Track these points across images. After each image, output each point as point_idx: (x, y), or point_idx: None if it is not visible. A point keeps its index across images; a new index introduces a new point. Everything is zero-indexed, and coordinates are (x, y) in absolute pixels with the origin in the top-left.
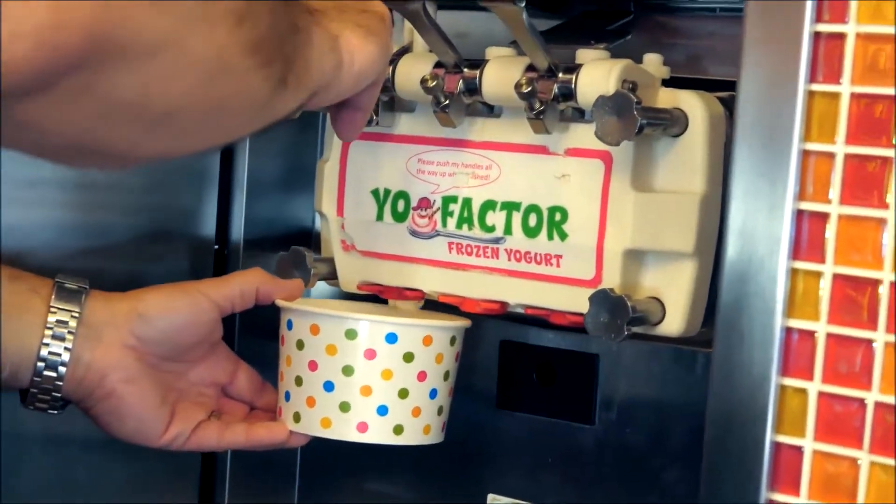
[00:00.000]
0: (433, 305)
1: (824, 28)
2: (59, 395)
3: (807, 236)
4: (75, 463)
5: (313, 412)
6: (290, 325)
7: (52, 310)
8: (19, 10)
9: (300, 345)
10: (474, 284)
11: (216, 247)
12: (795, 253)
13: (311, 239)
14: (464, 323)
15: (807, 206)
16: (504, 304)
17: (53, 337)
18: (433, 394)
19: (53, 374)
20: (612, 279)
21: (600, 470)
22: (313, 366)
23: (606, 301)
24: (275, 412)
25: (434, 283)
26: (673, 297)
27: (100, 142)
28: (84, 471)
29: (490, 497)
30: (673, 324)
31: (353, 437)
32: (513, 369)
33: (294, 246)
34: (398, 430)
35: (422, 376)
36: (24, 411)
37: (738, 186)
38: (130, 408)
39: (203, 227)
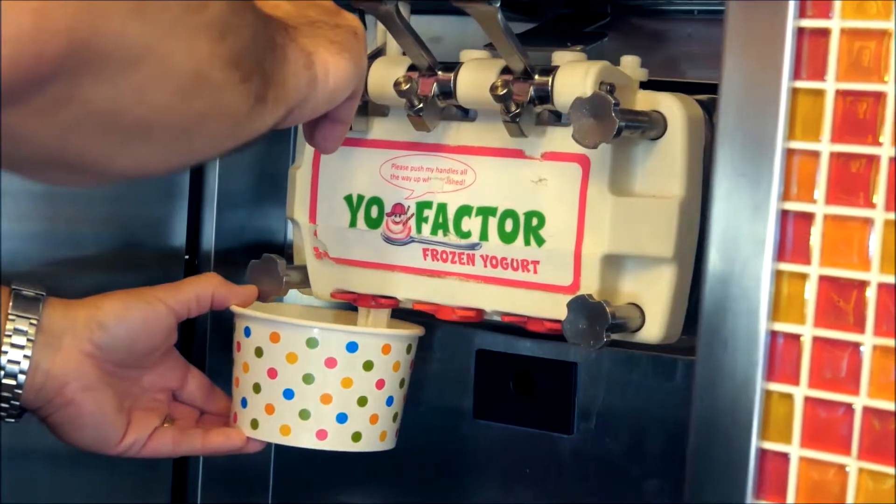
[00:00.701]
0: (406, 314)
1: (808, 24)
2: (17, 403)
3: (791, 237)
4: (43, 466)
5: (272, 419)
6: (247, 332)
7: (10, 317)
8: (2, 17)
9: (259, 352)
10: (450, 291)
11: (186, 257)
12: (780, 254)
13: (282, 247)
14: (418, 331)
15: (791, 206)
16: (480, 312)
17: (12, 345)
18: (390, 401)
19: (12, 382)
20: (590, 285)
21: (579, 480)
22: (272, 373)
23: (585, 307)
24: (226, 417)
25: (409, 290)
26: (652, 303)
27: (75, 155)
28: (53, 474)
29: None
30: (652, 330)
31: (312, 443)
32: (489, 379)
33: (266, 253)
34: (356, 437)
35: (380, 384)
36: None
37: (721, 187)
38: (89, 416)
39: (173, 238)
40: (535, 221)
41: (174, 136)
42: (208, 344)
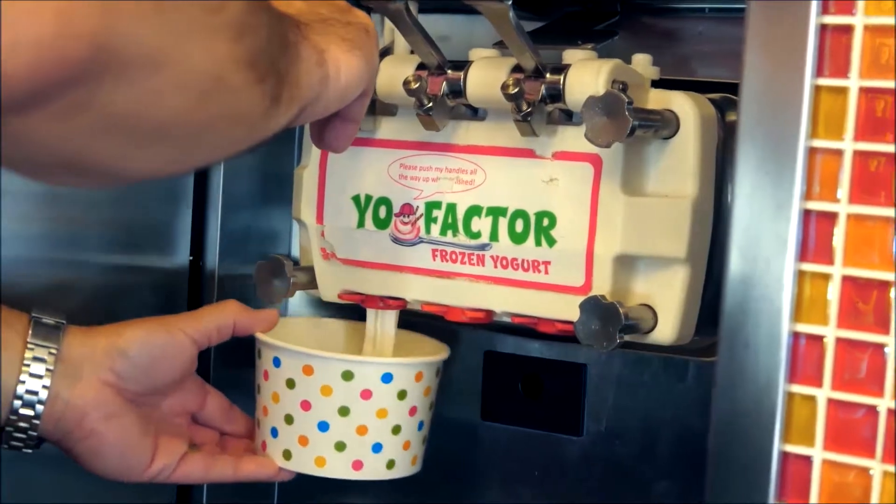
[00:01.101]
0: (414, 316)
1: (831, 20)
2: (35, 433)
3: (814, 237)
4: (45, 466)
5: (306, 451)
6: (276, 362)
7: (30, 346)
8: (23, 19)
9: (290, 384)
10: (459, 292)
11: (191, 258)
12: (803, 255)
13: (288, 249)
14: (446, 354)
15: (814, 205)
16: (490, 313)
17: (31, 375)
18: (420, 426)
19: (30, 412)
20: (602, 286)
21: (588, 483)
22: (306, 405)
23: (598, 308)
24: (245, 437)
25: (417, 291)
26: (665, 303)
27: (91, 159)
28: (56, 474)
29: None
30: (665, 331)
31: (348, 475)
32: (497, 380)
33: (272, 254)
34: (390, 464)
35: (413, 411)
36: None
37: (743, 186)
38: (112, 446)
39: (178, 239)
40: (546, 221)
41: (191, 139)
42: (212, 358)
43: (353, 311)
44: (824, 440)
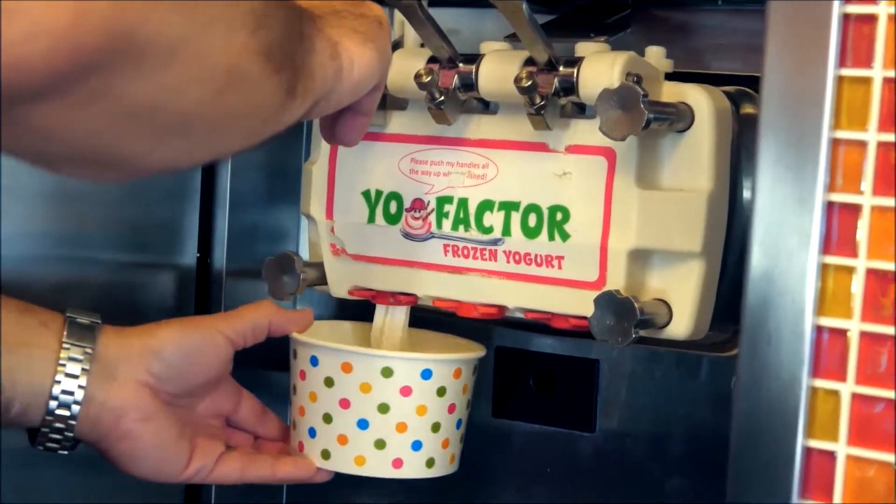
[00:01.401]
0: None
1: (854, 9)
2: (71, 434)
3: (837, 230)
4: (51, 467)
5: (345, 450)
6: (314, 361)
7: (65, 346)
8: (40, 7)
9: (329, 382)
10: (471, 288)
11: (198, 255)
12: (826, 247)
13: (296, 245)
14: (482, 351)
15: (837, 197)
16: (502, 309)
17: (66, 374)
18: (458, 424)
19: (66, 413)
20: (616, 281)
21: (601, 480)
22: (345, 403)
23: (612, 303)
24: (279, 441)
25: (429, 287)
26: (680, 298)
27: (109, 151)
28: (62, 475)
29: None
30: (680, 326)
31: (388, 473)
32: (509, 377)
33: (282, 251)
34: (430, 463)
35: (451, 408)
36: None
37: (765, 178)
38: (150, 448)
39: (185, 237)
40: (559, 216)
41: (208, 131)
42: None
43: (363, 307)
44: (848, 435)
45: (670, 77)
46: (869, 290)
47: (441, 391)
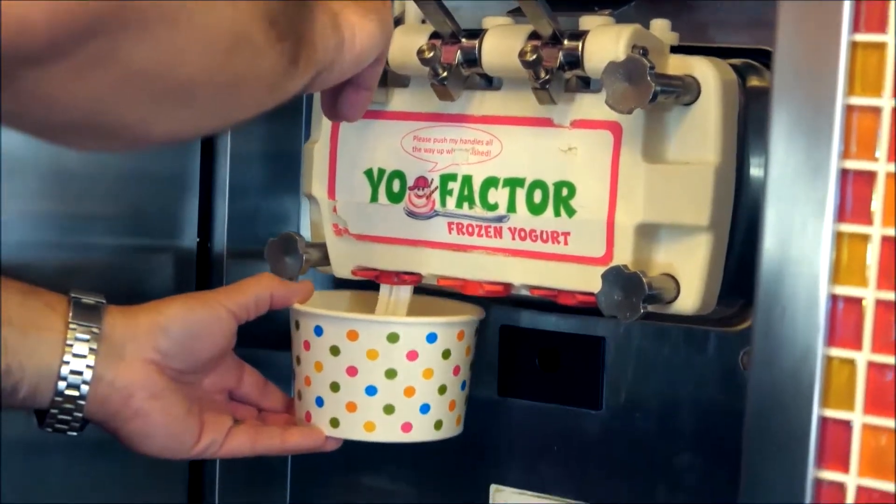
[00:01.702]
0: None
1: None
2: (80, 414)
3: (852, 197)
4: (53, 463)
5: (355, 416)
6: (318, 330)
7: (72, 326)
8: None
9: (335, 351)
10: (476, 266)
11: (198, 240)
12: (841, 215)
13: (297, 227)
14: (481, 313)
15: (852, 164)
16: (508, 286)
17: (74, 355)
18: (463, 385)
19: (76, 393)
20: (623, 256)
21: (608, 457)
22: (352, 371)
23: (620, 278)
24: (282, 412)
25: (433, 265)
26: (688, 273)
27: (111, 120)
28: (64, 470)
29: (493, 488)
30: (688, 301)
31: (398, 437)
32: (514, 355)
33: (284, 231)
34: (438, 425)
35: (456, 370)
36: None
37: (778, 146)
38: (160, 425)
39: (185, 219)
40: (564, 191)
41: (212, 99)
42: None
43: (366, 287)
44: (864, 404)
45: (675, 51)
46: (884, 257)
47: (446, 354)
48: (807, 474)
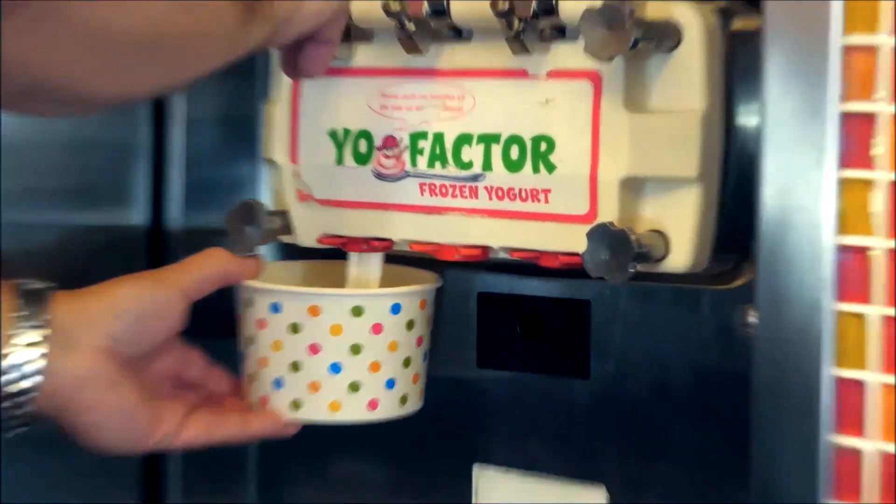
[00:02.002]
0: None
1: None
2: (31, 409)
3: (854, 141)
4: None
5: (317, 397)
6: (275, 307)
7: (17, 316)
8: None
9: (295, 328)
10: (451, 229)
11: (151, 213)
12: (845, 161)
13: (256, 193)
14: (439, 278)
15: (851, 106)
16: (486, 249)
17: (20, 345)
18: (425, 357)
19: (25, 386)
20: (608, 213)
21: (598, 428)
22: (315, 349)
23: (606, 236)
24: (229, 395)
25: (405, 230)
26: (677, 228)
27: (60, 80)
28: (9, 469)
29: (476, 468)
30: (678, 258)
31: (364, 416)
32: (493, 323)
33: (244, 199)
34: (403, 400)
35: (419, 341)
36: None
37: (774, 89)
38: (114, 417)
39: (135, 193)
40: (543, 146)
41: (162, 55)
42: None
43: (333, 255)
44: (879, 362)
45: None
46: (894, 204)
47: (410, 324)
48: (820, 439)
